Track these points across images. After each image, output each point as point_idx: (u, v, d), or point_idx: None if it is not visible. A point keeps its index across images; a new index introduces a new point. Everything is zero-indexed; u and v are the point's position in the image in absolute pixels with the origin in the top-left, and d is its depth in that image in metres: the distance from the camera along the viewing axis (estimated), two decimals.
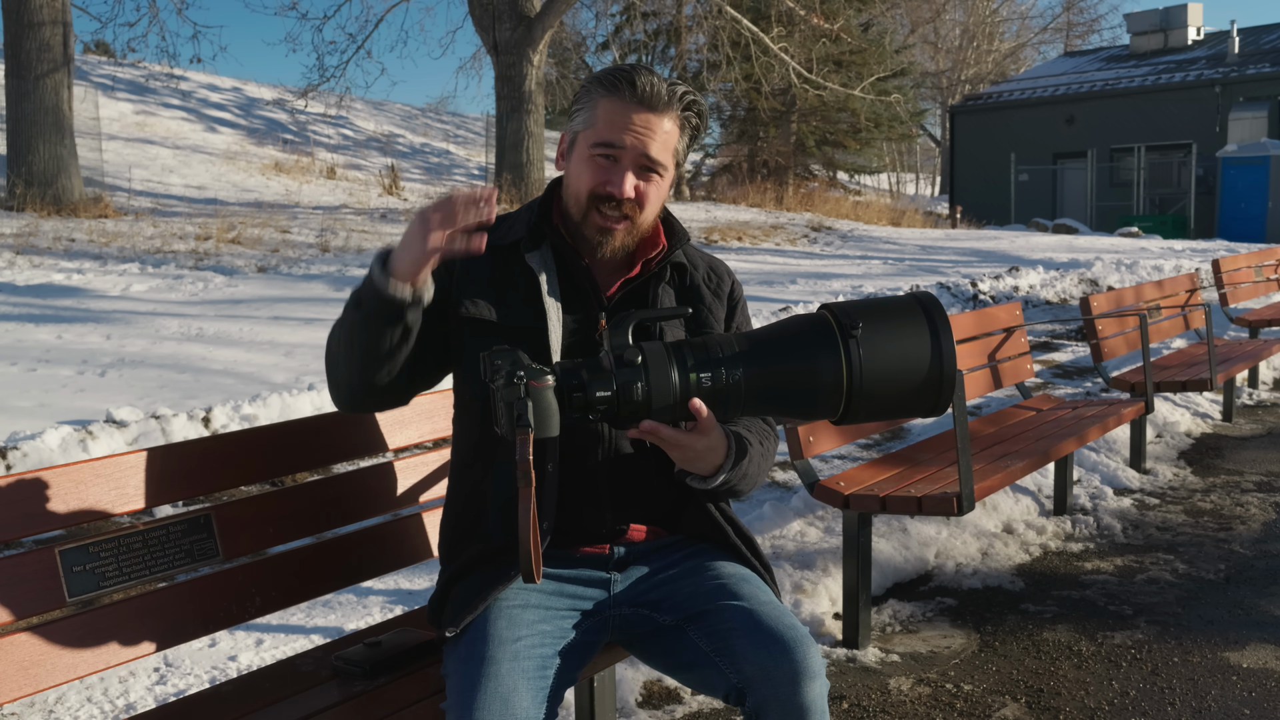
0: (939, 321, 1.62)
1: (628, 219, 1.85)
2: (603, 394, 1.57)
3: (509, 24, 15.63)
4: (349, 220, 13.21)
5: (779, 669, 1.65)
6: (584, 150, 1.85)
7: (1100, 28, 55.11)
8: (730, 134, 27.57)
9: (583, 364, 1.60)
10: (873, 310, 1.62)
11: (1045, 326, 9.58)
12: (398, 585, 3.48)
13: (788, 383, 1.61)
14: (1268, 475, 5.05)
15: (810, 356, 1.60)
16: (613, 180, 1.82)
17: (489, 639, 1.68)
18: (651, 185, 1.86)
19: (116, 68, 23.34)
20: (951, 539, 4.02)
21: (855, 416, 1.63)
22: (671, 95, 1.83)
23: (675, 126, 1.86)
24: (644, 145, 1.82)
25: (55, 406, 5.21)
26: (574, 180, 1.87)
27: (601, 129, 1.82)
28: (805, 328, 1.62)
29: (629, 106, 1.81)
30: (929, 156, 53.98)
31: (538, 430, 1.54)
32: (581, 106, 1.86)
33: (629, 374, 1.58)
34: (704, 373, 1.59)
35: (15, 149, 11.74)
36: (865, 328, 1.59)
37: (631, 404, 1.58)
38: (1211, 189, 24.54)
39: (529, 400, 1.53)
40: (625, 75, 1.82)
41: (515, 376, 1.53)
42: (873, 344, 1.59)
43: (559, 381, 1.57)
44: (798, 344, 1.61)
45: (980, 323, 4.42)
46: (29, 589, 1.70)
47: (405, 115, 29.69)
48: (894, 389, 1.60)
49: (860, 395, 1.59)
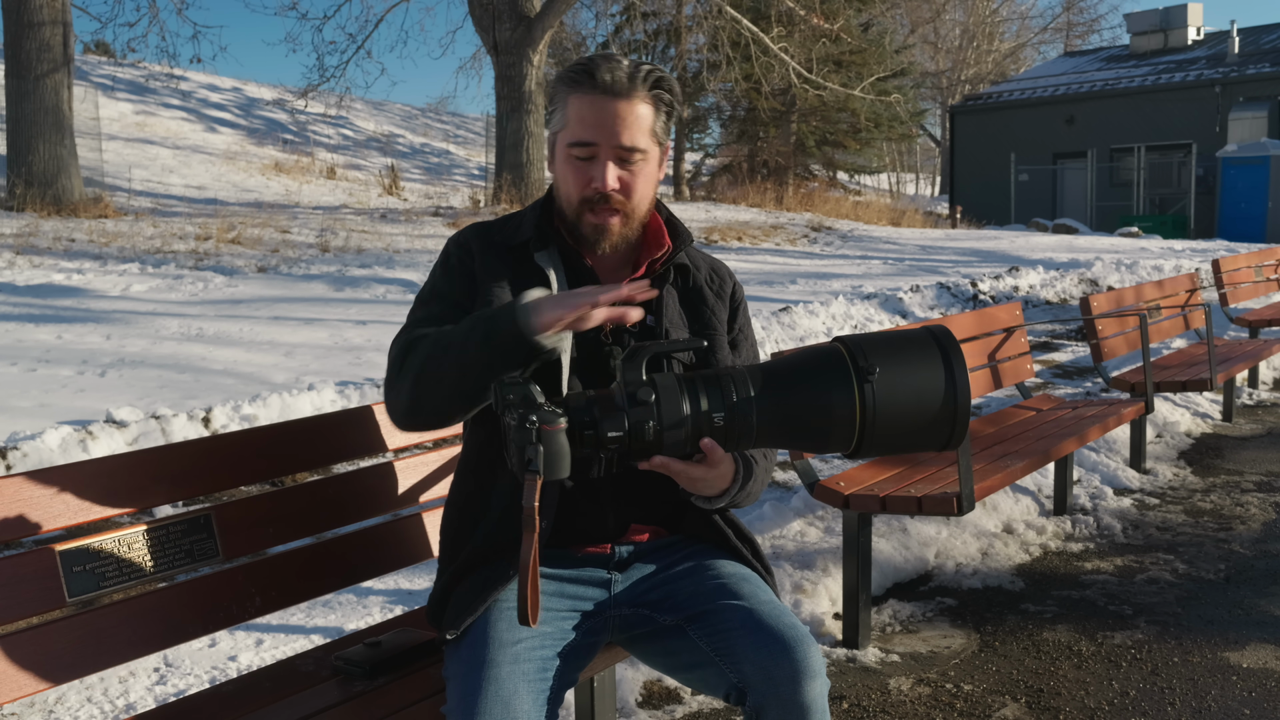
0: (954, 358, 1.60)
1: (619, 211, 1.84)
2: (614, 434, 1.56)
3: (509, 24, 15.63)
4: (349, 220, 13.21)
5: (779, 668, 1.65)
6: (563, 152, 1.84)
7: (1100, 28, 55.23)
8: (730, 134, 27.57)
9: (595, 400, 1.58)
10: (887, 347, 1.61)
11: (1045, 326, 9.58)
12: (398, 585, 3.48)
13: (801, 422, 1.61)
14: (1268, 475, 5.05)
15: (825, 396, 1.58)
16: (595, 176, 1.81)
17: (489, 642, 1.68)
18: (635, 172, 1.84)
19: (116, 68, 23.34)
20: (951, 539, 4.02)
21: (868, 453, 1.63)
22: (634, 78, 1.80)
23: (649, 107, 1.83)
24: (617, 136, 1.80)
25: (55, 406, 5.21)
26: (561, 184, 1.87)
27: (574, 128, 1.81)
28: (820, 365, 1.60)
29: (594, 99, 1.80)
30: (929, 156, 53.98)
31: (547, 474, 1.52)
32: (554, 108, 1.86)
33: (641, 413, 1.56)
34: (717, 412, 1.58)
35: (15, 149, 11.74)
36: (881, 366, 1.58)
37: (643, 442, 1.58)
38: (1211, 189, 24.54)
39: (540, 446, 1.51)
40: (585, 68, 1.80)
41: (528, 421, 1.51)
42: (888, 384, 1.58)
43: (571, 420, 1.55)
44: (812, 383, 1.60)
45: (980, 323, 4.42)
46: (29, 589, 1.70)
47: (405, 115, 29.70)
48: (908, 427, 1.60)
49: (874, 434, 1.59)
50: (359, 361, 6.46)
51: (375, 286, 9.20)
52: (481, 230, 1.95)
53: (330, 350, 6.80)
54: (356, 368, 6.25)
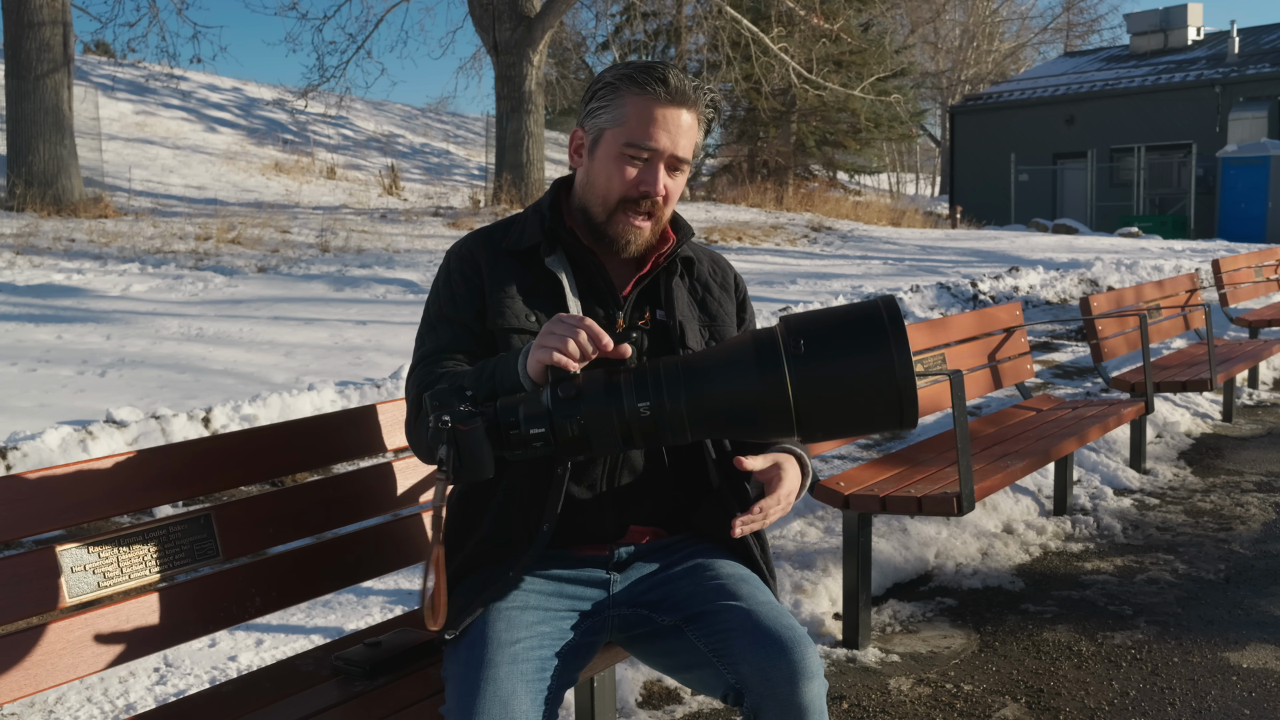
0: (892, 330, 1.52)
1: (652, 216, 1.86)
2: (536, 430, 1.56)
3: (509, 24, 15.63)
4: (349, 220, 13.21)
5: (776, 669, 1.65)
6: (614, 149, 1.83)
7: (1100, 28, 55.25)
8: (730, 134, 27.56)
9: (523, 400, 1.58)
10: (823, 324, 1.55)
11: (1045, 326, 9.58)
12: (398, 585, 3.48)
13: (730, 405, 1.55)
14: (1268, 475, 5.05)
15: (749, 377, 1.54)
16: (646, 180, 1.82)
17: (488, 642, 1.68)
18: (676, 182, 1.87)
19: (116, 68, 23.34)
20: (951, 539, 4.02)
21: (813, 436, 1.57)
22: (697, 91, 1.83)
23: (696, 122, 1.86)
24: (676, 145, 1.82)
25: (55, 406, 5.21)
26: (602, 180, 1.85)
27: (634, 128, 1.81)
28: (748, 347, 1.56)
29: (662, 105, 1.80)
30: (929, 156, 53.97)
31: (468, 473, 1.55)
32: (606, 104, 1.84)
33: (565, 409, 1.56)
34: (641, 401, 1.56)
35: (15, 149, 11.75)
36: (810, 343, 1.52)
37: (568, 438, 1.57)
38: (1211, 189, 24.54)
39: (453, 447, 1.53)
40: (656, 73, 1.81)
41: (441, 421, 1.53)
42: (817, 361, 1.52)
43: (498, 419, 1.56)
44: (738, 365, 1.55)
45: (980, 323, 4.42)
46: (29, 589, 1.70)
47: (405, 115, 29.69)
48: (845, 405, 1.53)
49: (809, 414, 1.53)
50: (359, 361, 6.46)
51: (375, 286, 9.20)
52: (484, 238, 1.94)
53: (330, 350, 6.81)
54: (356, 368, 6.25)
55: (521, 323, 1.84)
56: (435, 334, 1.87)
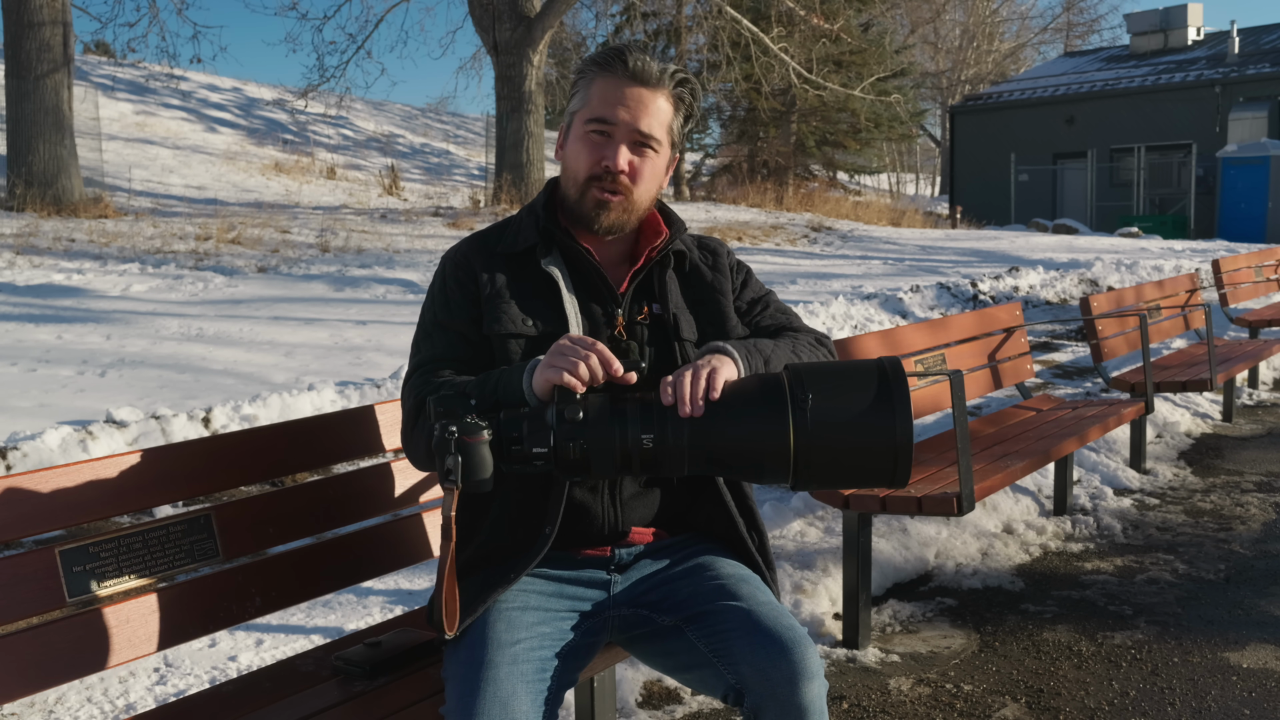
0: (896, 394, 1.58)
1: (621, 194, 1.86)
2: (539, 450, 1.58)
3: (509, 24, 15.63)
4: (349, 220, 13.21)
5: (776, 669, 1.65)
6: (579, 129, 1.87)
7: (1100, 28, 55.22)
8: (730, 134, 27.57)
9: (528, 415, 1.59)
10: (829, 377, 1.60)
11: (1045, 326, 9.58)
12: (398, 585, 3.48)
13: (732, 450, 1.60)
14: (1268, 475, 5.05)
15: (756, 422, 1.57)
16: (607, 155, 1.84)
17: (488, 643, 1.68)
18: (646, 161, 1.87)
19: (116, 68, 23.34)
20: (951, 539, 4.02)
21: (807, 484, 1.61)
22: (663, 73, 1.85)
23: (669, 104, 1.87)
24: (636, 120, 1.83)
25: (55, 406, 5.21)
26: (571, 160, 1.89)
27: (595, 105, 1.85)
28: (757, 392, 1.60)
29: (621, 82, 1.84)
30: (929, 156, 53.97)
31: (468, 485, 1.56)
32: (578, 89, 1.89)
33: (568, 430, 1.57)
34: (646, 434, 1.58)
35: (15, 149, 11.75)
36: (818, 396, 1.56)
37: (568, 460, 1.59)
38: (1211, 189, 24.54)
39: (458, 456, 1.54)
40: (617, 53, 1.85)
41: (448, 431, 1.54)
42: (822, 413, 1.56)
43: (500, 433, 1.58)
44: (745, 409, 1.59)
45: (980, 323, 4.42)
46: (29, 589, 1.70)
47: (405, 115, 29.70)
48: (845, 460, 1.58)
49: (810, 464, 1.57)
50: (359, 362, 6.46)
51: (375, 286, 9.20)
52: (478, 242, 1.95)
53: (330, 350, 6.81)
54: (356, 368, 6.25)
55: (518, 327, 1.84)
56: (431, 341, 1.87)
